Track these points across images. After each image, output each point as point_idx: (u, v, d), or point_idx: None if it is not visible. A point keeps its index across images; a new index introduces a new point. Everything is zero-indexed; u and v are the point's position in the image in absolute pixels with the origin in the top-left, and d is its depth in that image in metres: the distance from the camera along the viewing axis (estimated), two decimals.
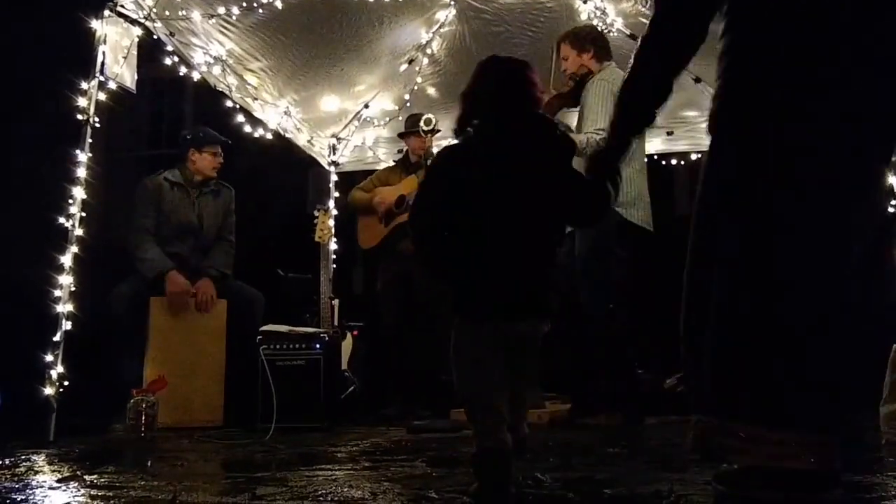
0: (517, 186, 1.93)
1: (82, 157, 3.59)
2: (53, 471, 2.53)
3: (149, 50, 4.02)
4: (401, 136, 5.06)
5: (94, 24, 3.66)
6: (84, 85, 3.62)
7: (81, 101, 3.61)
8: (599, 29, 4.10)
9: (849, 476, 1.89)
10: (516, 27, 4.49)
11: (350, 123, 5.63)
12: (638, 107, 1.99)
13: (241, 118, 4.73)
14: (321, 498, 1.91)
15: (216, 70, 4.41)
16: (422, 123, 4.25)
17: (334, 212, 5.64)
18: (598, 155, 2.11)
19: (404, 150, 5.06)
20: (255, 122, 4.92)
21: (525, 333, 1.96)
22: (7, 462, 2.70)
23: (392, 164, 5.34)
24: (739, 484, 1.68)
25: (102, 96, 3.67)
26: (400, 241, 4.71)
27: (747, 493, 1.66)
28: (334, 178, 5.98)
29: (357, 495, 1.94)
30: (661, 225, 3.92)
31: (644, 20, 4.23)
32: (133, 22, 3.82)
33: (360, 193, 4.99)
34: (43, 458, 2.85)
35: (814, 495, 1.64)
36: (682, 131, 5.36)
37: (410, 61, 4.86)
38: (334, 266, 5.22)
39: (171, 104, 9.07)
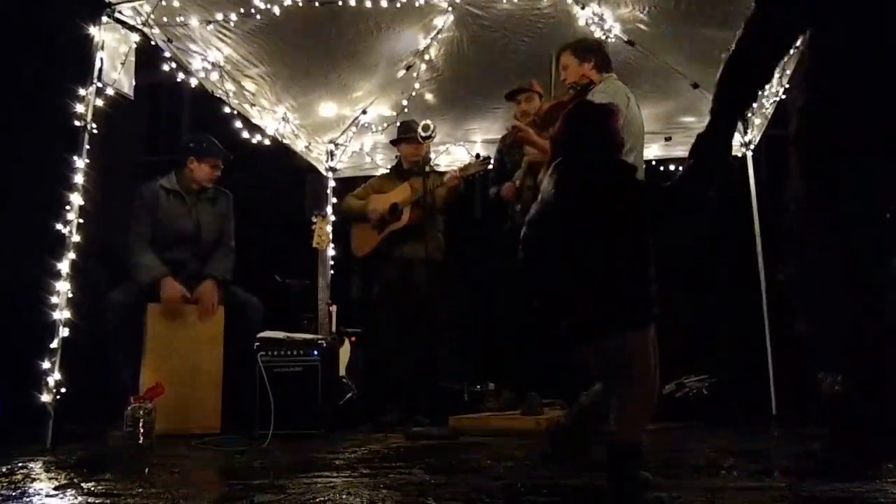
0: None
1: (80, 163, 3.59)
2: (51, 478, 2.52)
3: (146, 56, 4.02)
4: (393, 143, 5.05)
5: (92, 30, 3.67)
6: (82, 91, 3.62)
7: (79, 108, 3.61)
8: (599, 37, 4.10)
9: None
10: (514, 33, 4.47)
11: (348, 129, 5.64)
12: (742, 89, 1.95)
13: (238, 124, 4.74)
14: None
15: (214, 76, 4.41)
16: (419, 129, 4.23)
17: (332, 218, 5.64)
18: (699, 142, 1.97)
19: (397, 157, 5.06)
20: (253, 128, 4.92)
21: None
22: (4, 469, 2.69)
23: (387, 170, 5.34)
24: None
25: (100, 102, 3.66)
26: (395, 247, 4.71)
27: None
28: (332, 183, 5.99)
29: (355, 502, 1.94)
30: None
31: (642, 26, 4.25)
32: (131, 28, 3.83)
33: (354, 201, 4.98)
34: (40, 465, 2.84)
35: None
36: (681, 137, 5.36)
37: (408, 67, 4.84)
38: (332, 272, 5.21)
39: (168, 110, 9.08)
